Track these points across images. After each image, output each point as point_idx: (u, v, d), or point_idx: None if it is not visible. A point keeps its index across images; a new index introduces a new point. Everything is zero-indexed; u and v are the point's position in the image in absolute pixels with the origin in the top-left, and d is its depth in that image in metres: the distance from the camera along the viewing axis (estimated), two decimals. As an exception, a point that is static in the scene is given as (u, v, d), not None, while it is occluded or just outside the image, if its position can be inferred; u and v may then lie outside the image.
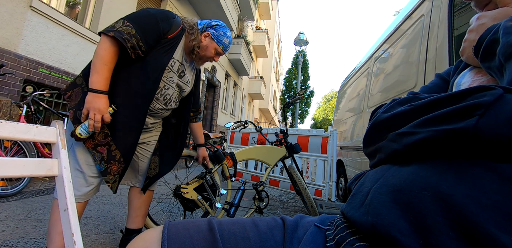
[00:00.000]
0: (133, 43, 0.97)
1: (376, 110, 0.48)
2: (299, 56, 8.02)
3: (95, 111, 0.94)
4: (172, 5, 5.87)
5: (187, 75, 1.23)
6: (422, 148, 0.34)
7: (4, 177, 1.45)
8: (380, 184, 0.36)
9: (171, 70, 1.12)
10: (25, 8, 2.84)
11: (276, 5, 19.49)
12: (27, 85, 2.97)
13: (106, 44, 0.95)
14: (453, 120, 0.31)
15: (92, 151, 1.01)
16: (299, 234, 0.43)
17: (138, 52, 1.00)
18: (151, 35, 1.02)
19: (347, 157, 3.67)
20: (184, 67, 1.20)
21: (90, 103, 0.94)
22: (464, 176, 0.29)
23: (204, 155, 1.59)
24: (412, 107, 0.38)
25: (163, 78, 1.10)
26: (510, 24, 0.35)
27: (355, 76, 3.99)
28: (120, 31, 0.95)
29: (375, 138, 0.43)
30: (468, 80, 0.46)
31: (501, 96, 0.29)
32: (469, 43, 0.46)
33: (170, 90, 1.16)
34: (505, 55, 0.33)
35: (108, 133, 1.03)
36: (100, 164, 1.02)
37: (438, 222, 0.27)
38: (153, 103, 1.12)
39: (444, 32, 1.63)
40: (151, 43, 1.03)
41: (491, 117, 0.28)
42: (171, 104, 1.20)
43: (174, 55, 1.11)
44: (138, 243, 0.43)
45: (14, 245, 1.27)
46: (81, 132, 0.96)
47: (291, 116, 15.69)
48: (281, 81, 24.41)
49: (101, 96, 0.95)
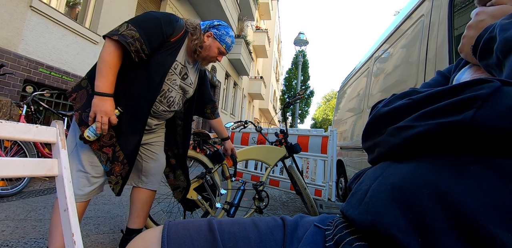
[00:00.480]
0: (136, 47, 0.98)
1: (376, 105, 0.48)
2: (299, 56, 8.02)
3: (102, 113, 0.96)
4: (172, 5, 5.87)
5: (190, 76, 1.24)
6: (421, 141, 0.34)
7: (4, 177, 1.45)
8: (379, 182, 0.36)
9: (174, 73, 1.13)
10: (25, 8, 2.84)
11: (276, 5, 19.49)
12: (27, 85, 2.97)
13: (110, 48, 0.97)
14: (450, 113, 0.31)
15: (98, 152, 1.03)
16: (299, 234, 0.43)
17: (142, 56, 1.01)
18: (155, 39, 1.03)
19: (347, 157, 3.67)
20: (187, 69, 1.21)
21: (97, 106, 0.96)
22: (463, 174, 0.29)
23: (231, 148, 1.65)
24: (410, 101, 0.38)
25: (167, 81, 1.11)
26: (505, 22, 0.35)
27: (355, 76, 3.99)
28: (124, 35, 0.96)
29: (374, 132, 0.43)
30: (467, 77, 0.46)
31: (499, 89, 0.29)
32: (467, 40, 0.46)
33: (173, 93, 1.17)
34: (503, 51, 0.33)
35: (113, 134, 1.05)
36: (106, 165, 1.05)
37: (437, 220, 0.27)
38: (156, 105, 1.14)
39: (444, 32, 1.63)
40: (154, 46, 1.04)
41: (488, 109, 0.28)
42: (174, 106, 1.21)
43: (177, 58, 1.12)
44: (138, 243, 0.43)
45: (14, 245, 1.27)
46: (89, 134, 0.98)
47: (291, 116, 15.69)
48: (281, 81, 24.41)
49: (107, 99, 0.97)
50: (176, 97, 1.19)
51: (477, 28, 0.44)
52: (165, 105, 1.17)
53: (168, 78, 1.11)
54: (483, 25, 0.43)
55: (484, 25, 0.43)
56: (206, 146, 1.78)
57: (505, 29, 0.34)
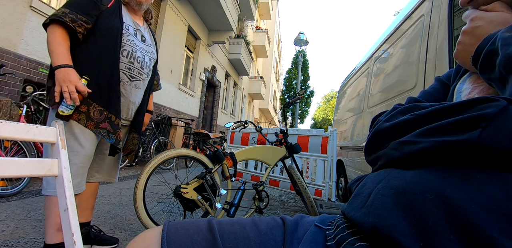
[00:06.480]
0: (71, 18, 1.03)
1: (377, 118, 0.48)
2: (299, 56, 8.02)
3: (66, 83, 0.97)
4: (172, 5, 5.87)
5: (148, 38, 1.31)
6: (422, 157, 0.34)
7: (4, 177, 1.45)
8: (383, 186, 0.36)
9: (129, 34, 1.19)
10: (25, 8, 2.84)
11: (276, 5, 19.48)
12: (27, 85, 2.97)
13: (50, 29, 1.03)
14: (456, 131, 0.31)
15: (96, 130, 1.08)
16: (299, 234, 0.43)
17: (83, 24, 1.06)
18: (89, 7, 1.09)
19: (347, 157, 3.67)
20: (141, 32, 1.28)
21: (59, 79, 0.98)
22: (468, 181, 0.29)
23: (146, 124, 1.51)
24: (414, 116, 0.37)
25: (126, 42, 1.17)
26: (507, 35, 0.34)
27: (355, 76, 3.99)
28: (54, 15, 1.03)
29: (377, 147, 0.43)
30: (468, 87, 0.45)
31: (505, 108, 0.28)
32: (463, 46, 0.45)
33: (138, 53, 1.22)
34: (506, 67, 0.33)
35: (102, 109, 1.09)
36: (109, 137, 1.11)
37: (439, 225, 0.27)
38: (130, 68, 1.19)
39: (444, 32, 1.63)
40: (92, 13, 1.09)
41: (494, 129, 0.28)
42: (146, 67, 1.27)
43: (124, 20, 1.18)
44: (138, 243, 0.43)
45: (14, 245, 1.27)
46: (62, 109, 0.98)
47: (291, 116, 15.69)
48: (281, 81, 24.41)
49: (66, 69, 0.99)
50: (144, 58, 1.25)
51: (473, 34, 0.43)
52: (138, 66, 1.22)
53: (126, 39, 1.16)
54: (479, 32, 0.42)
55: (480, 32, 0.42)
56: (206, 146, 1.77)
57: (508, 44, 0.33)
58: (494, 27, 0.41)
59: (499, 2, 0.43)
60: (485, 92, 0.41)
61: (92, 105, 1.07)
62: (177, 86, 6.46)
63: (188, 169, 2.34)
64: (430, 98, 0.53)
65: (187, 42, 7.01)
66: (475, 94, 0.43)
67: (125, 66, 1.17)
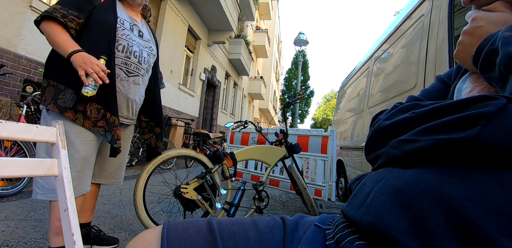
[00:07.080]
0: (62, 13, 1.03)
1: (377, 117, 0.48)
2: (299, 56, 8.02)
3: (89, 65, 0.97)
4: (172, 5, 5.87)
5: (146, 34, 1.30)
6: (422, 155, 0.34)
7: (4, 177, 1.45)
8: (382, 185, 0.36)
9: (124, 28, 1.17)
10: (25, 8, 2.84)
11: (276, 5, 19.48)
12: (27, 85, 2.97)
13: (43, 26, 1.04)
14: (455, 129, 0.31)
15: (94, 129, 1.07)
16: (299, 233, 0.43)
17: (75, 19, 1.05)
18: (80, 2, 1.08)
19: (347, 157, 3.67)
20: (139, 27, 1.26)
21: (79, 63, 0.97)
22: (467, 180, 0.29)
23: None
24: (414, 114, 0.38)
25: (121, 36, 1.15)
26: (507, 34, 0.34)
27: (355, 76, 3.99)
28: (45, 12, 1.03)
29: (377, 145, 0.43)
30: (469, 86, 0.45)
31: (505, 106, 0.29)
32: (463, 47, 0.45)
33: (135, 48, 1.20)
34: (506, 66, 0.33)
35: (99, 107, 1.08)
36: (106, 136, 1.09)
37: (438, 224, 0.27)
38: (126, 62, 1.17)
39: (444, 32, 1.63)
40: (84, 8, 1.08)
41: (493, 127, 0.28)
42: (144, 62, 1.24)
43: (119, 15, 1.16)
44: (138, 243, 0.43)
45: (14, 245, 1.27)
46: (87, 90, 0.97)
47: (291, 116, 15.70)
48: (281, 81, 24.41)
49: (81, 53, 0.99)
50: (142, 52, 1.23)
51: (474, 35, 0.43)
52: (135, 61, 1.20)
53: (120, 33, 1.14)
54: (480, 32, 0.42)
55: (481, 32, 0.42)
56: (206, 146, 1.78)
57: (508, 43, 0.33)
58: (495, 27, 0.40)
59: (501, 2, 0.43)
60: (486, 91, 0.41)
61: (89, 103, 1.06)
62: (177, 86, 6.46)
63: (188, 169, 2.34)
64: (431, 97, 0.53)
65: (187, 42, 7.02)
66: (475, 93, 0.43)
67: (121, 61, 1.15)
